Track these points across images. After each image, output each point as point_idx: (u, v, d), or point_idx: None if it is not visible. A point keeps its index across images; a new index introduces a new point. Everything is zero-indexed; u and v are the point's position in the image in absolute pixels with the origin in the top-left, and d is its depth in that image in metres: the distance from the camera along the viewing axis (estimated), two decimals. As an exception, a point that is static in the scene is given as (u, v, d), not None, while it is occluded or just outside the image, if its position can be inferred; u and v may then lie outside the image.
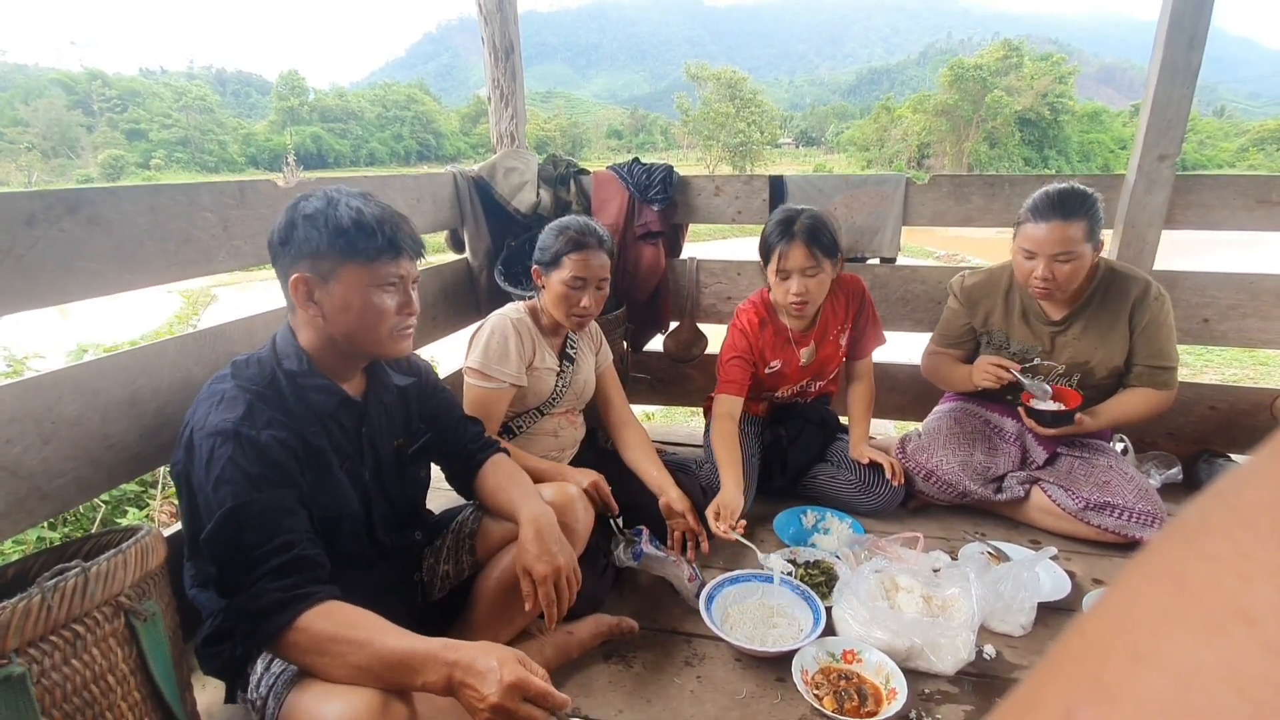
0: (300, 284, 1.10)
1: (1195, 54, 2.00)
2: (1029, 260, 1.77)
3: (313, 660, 0.96)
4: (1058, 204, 1.71)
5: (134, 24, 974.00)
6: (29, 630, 0.81)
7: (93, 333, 3.23)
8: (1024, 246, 1.77)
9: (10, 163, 54.18)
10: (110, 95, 70.28)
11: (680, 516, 1.69)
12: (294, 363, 1.14)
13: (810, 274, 1.81)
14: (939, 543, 1.88)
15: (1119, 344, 1.85)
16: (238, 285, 12.58)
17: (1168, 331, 1.83)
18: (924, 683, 1.37)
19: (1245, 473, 0.16)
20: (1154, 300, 1.81)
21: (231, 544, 0.98)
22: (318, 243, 1.09)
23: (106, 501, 2.47)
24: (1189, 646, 0.15)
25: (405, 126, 78.69)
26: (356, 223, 1.09)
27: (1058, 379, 1.92)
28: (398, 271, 1.15)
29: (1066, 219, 1.69)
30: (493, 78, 2.52)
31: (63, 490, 1.17)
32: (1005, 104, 40.37)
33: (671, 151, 66.17)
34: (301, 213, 1.10)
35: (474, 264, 2.44)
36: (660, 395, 2.82)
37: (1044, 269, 1.74)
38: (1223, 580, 0.15)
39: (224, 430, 1.02)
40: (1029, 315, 1.93)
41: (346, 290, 1.11)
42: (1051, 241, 1.71)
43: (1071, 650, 0.17)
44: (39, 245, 1.11)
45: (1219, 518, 0.16)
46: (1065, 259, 1.72)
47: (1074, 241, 1.70)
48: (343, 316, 1.12)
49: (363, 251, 1.09)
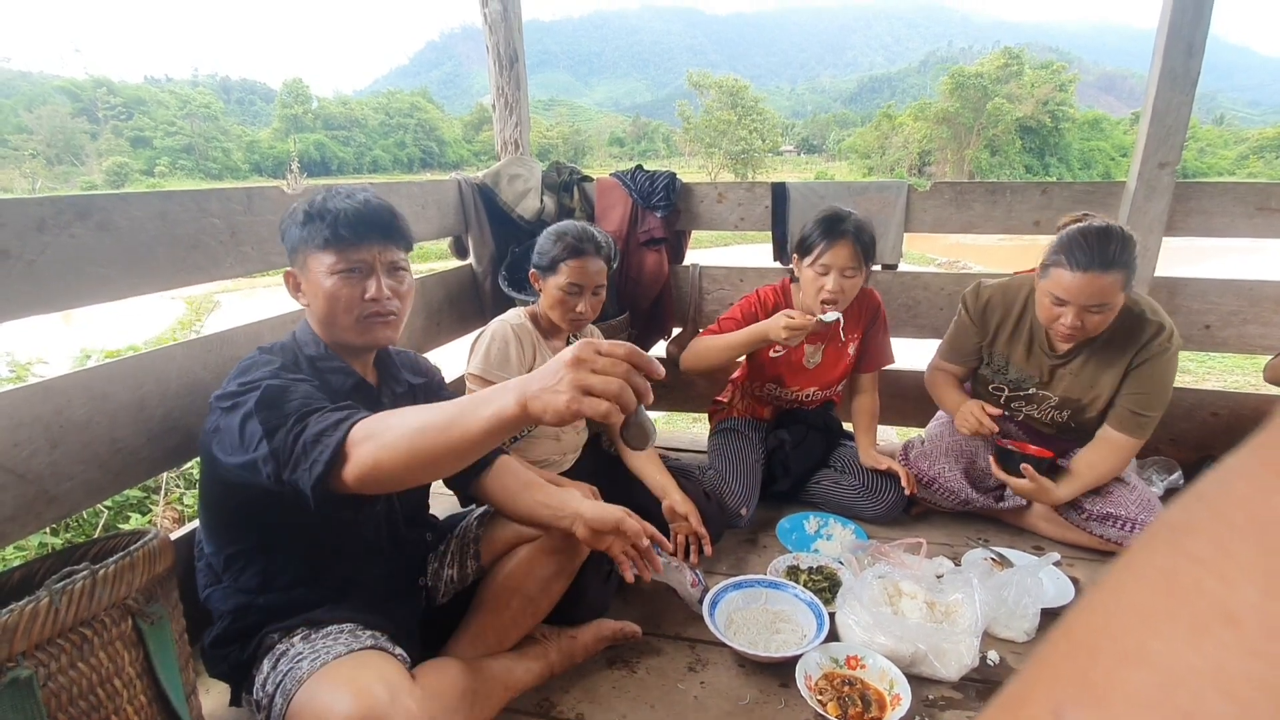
0: (289, 278, 1.20)
1: (1194, 62, 2.01)
2: (1058, 306, 1.63)
3: (374, 446, 0.89)
4: (1097, 253, 1.55)
5: (139, 31, 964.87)
6: (37, 633, 0.82)
7: (96, 338, 3.24)
8: (1054, 293, 1.62)
9: (14, 169, 54.45)
10: (115, 103, 70.66)
11: (683, 519, 1.69)
12: (313, 348, 1.19)
13: (849, 275, 1.81)
14: (942, 548, 1.88)
15: (1116, 383, 1.77)
16: (241, 291, 12.59)
17: (1163, 382, 1.72)
18: (928, 689, 1.37)
19: (1227, 472, 0.17)
20: (1159, 345, 1.69)
21: (277, 407, 0.99)
22: (295, 236, 1.16)
23: (109, 507, 2.48)
24: (1175, 647, 0.15)
25: (408, 134, 79.05)
26: (320, 212, 1.13)
27: (1050, 410, 1.88)
28: (358, 256, 1.14)
29: (1105, 269, 1.55)
30: (497, 86, 2.54)
31: (70, 494, 1.18)
32: (1006, 111, 40.53)
33: (673, 159, 66.38)
34: (290, 210, 1.18)
35: (478, 270, 2.45)
36: (663, 401, 2.83)
37: (1074, 318, 1.60)
38: (1206, 581, 0.15)
39: (259, 377, 1.05)
40: (1034, 344, 1.85)
41: (313, 278, 1.16)
42: (1087, 293, 1.57)
43: (1059, 650, 0.18)
44: (49, 250, 1.12)
45: (1202, 517, 0.16)
46: (1098, 310, 1.60)
47: (1110, 293, 1.57)
48: (315, 304, 1.17)
49: (316, 238, 1.13)
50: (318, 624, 1.12)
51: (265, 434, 0.96)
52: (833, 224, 1.82)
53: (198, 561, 1.24)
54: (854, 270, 1.82)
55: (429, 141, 79.98)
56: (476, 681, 1.20)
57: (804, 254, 1.87)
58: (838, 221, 1.82)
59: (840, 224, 1.82)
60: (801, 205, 2.42)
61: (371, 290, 1.16)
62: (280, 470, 0.94)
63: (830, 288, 1.82)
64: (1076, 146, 44.33)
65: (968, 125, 41.50)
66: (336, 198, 1.16)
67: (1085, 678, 0.16)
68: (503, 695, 1.26)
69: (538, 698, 1.35)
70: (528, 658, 1.34)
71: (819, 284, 1.83)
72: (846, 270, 1.81)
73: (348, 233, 1.13)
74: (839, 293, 1.82)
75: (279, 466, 0.94)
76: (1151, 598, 0.16)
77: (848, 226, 1.81)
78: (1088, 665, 0.16)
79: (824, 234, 1.82)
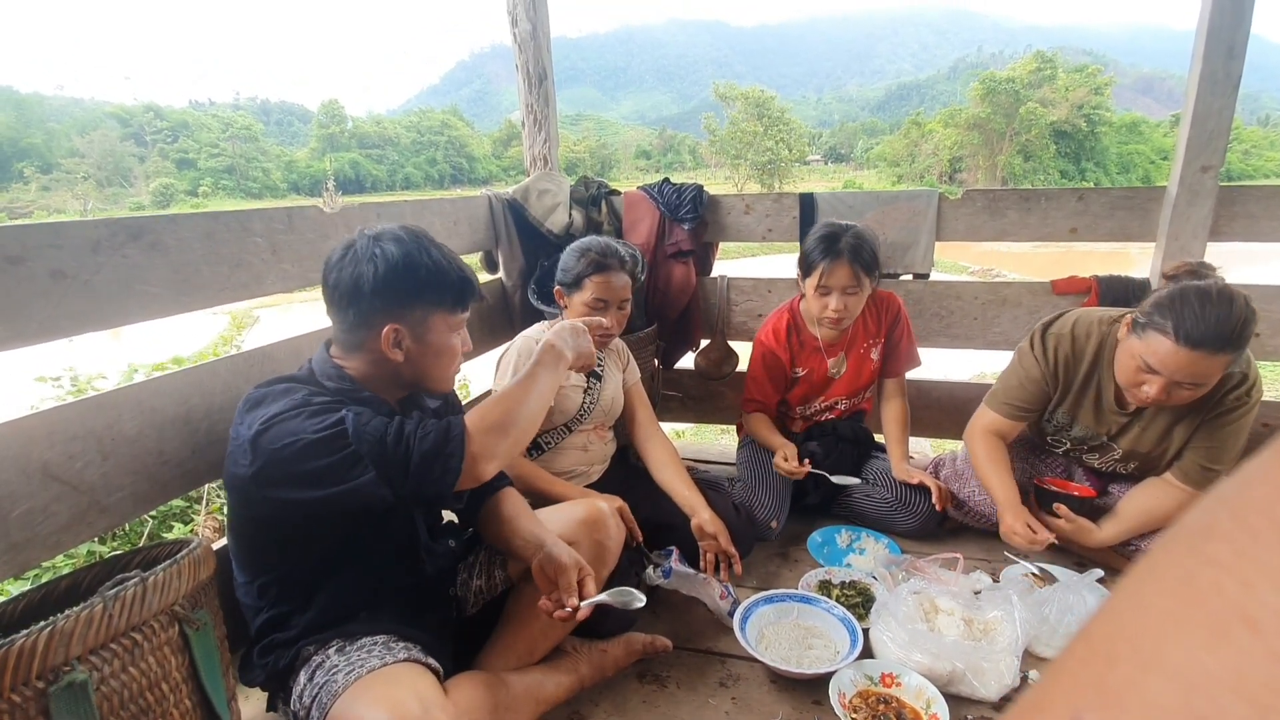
0: (391, 334, 1.14)
1: (1235, 64, 1.96)
2: (1145, 374, 1.42)
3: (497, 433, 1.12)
4: (1213, 330, 1.31)
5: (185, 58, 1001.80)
6: (91, 638, 0.85)
7: (143, 353, 3.37)
8: (1147, 359, 1.40)
9: (67, 191, 56.96)
10: (162, 126, 73.64)
11: (712, 538, 1.68)
12: (336, 382, 1.16)
13: (851, 292, 1.82)
14: (980, 564, 1.84)
15: (1188, 434, 1.58)
16: (279, 307, 12.94)
17: (1238, 436, 1.53)
18: (966, 708, 1.33)
19: (1248, 475, 0.16)
20: (1237, 398, 1.50)
21: (373, 439, 1.03)
22: (409, 294, 1.13)
23: (154, 517, 2.56)
24: (1194, 652, 0.15)
25: (439, 151, 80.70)
26: (442, 272, 1.15)
27: (1114, 463, 1.74)
28: (468, 316, 1.24)
29: (1217, 351, 1.32)
30: (526, 103, 2.58)
31: (120, 504, 1.22)
32: (1039, 116, 39.77)
33: (700, 170, 66.53)
34: (385, 259, 1.11)
35: (508, 284, 2.49)
36: (691, 413, 2.82)
37: (1159, 391, 1.41)
38: (1226, 585, 0.15)
39: (289, 408, 1.04)
40: (1102, 401, 1.65)
41: (434, 336, 1.18)
42: (1188, 371, 1.36)
43: (1077, 655, 0.18)
44: (104, 270, 1.17)
45: (1221, 521, 0.16)
46: (1193, 387, 1.40)
47: (1213, 374, 1.37)
48: (422, 360, 1.18)
49: (451, 301, 1.18)
50: (352, 636, 1.14)
51: (369, 460, 1.02)
52: (830, 243, 1.81)
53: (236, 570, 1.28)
54: (855, 288, 1.81)
55: (459, 158, 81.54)
56: (508, 696, 1.21)
57: (805, 273, 1.88)
58: (834, 240, 1.81)
59: (836, 243, 1.80)
60: (830, 216, 2.40)
61: (468, 342, 1.26)
62: (397, 489, 1.03)
63: (834, 307, 1.82)
64: (1114, 150, 43.26)
65: (1000, 131, 40.82)
66: (437, 251, 1.16)
67: (1103, 683, 0.16)
68: (533, 709, 1.26)
69: (567, 710, 1.36)
70: (558, 671, 1.35)
71: (822, 304, 1.84)
72: (848, 289, 1.81)
73: (474, 291, 1.21)
74: (843, 311, 1.82)
75: (394, 486, 1.03)
76: (1170, 602, 0.16)
77: (844, 245, 1.79)
78: (1106, 671, 0.16)
79: (822, 253, 1.81)
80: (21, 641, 0.77)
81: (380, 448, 1.03)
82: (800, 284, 1.93)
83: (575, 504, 1.48)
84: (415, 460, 1.03)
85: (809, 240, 1.89)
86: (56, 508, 1.12)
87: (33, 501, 1.09)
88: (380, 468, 1.02)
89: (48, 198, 54.17)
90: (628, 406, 1.93)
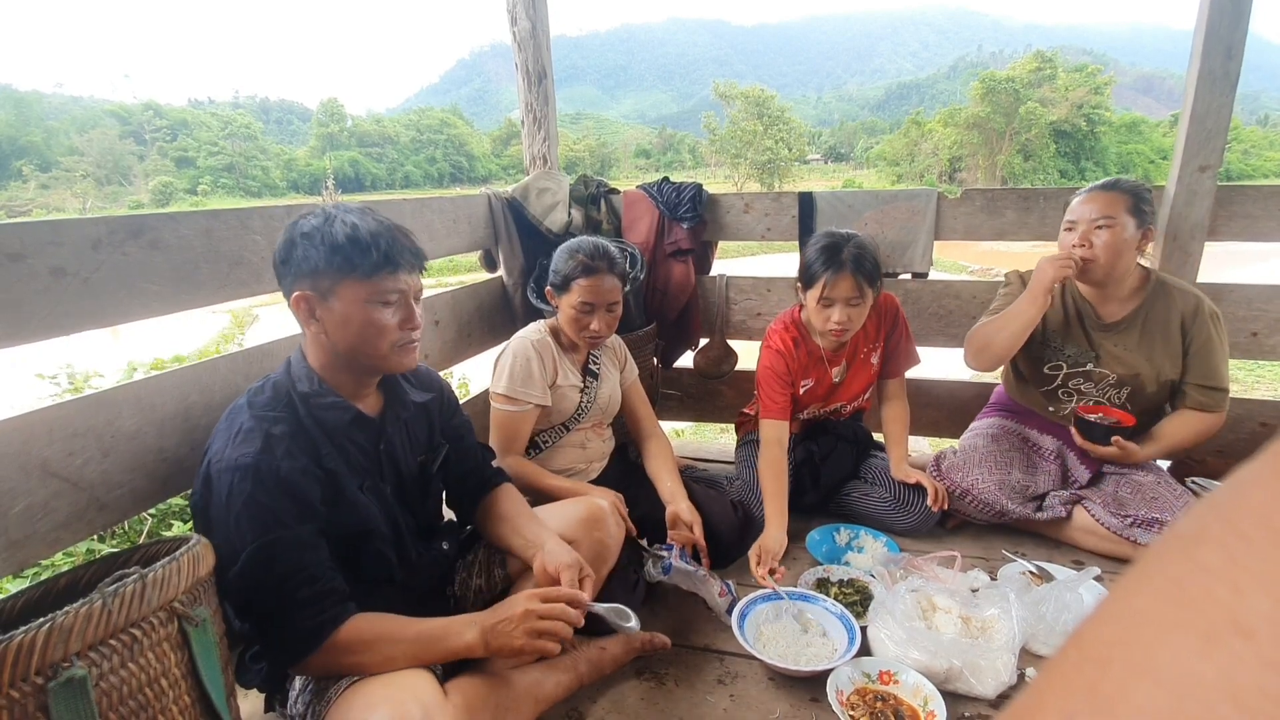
0: (301, 301, 1.12)
1: (1234, 63, 1.96)
2: (1068, 233, 1.80)
3: (354, 660, 1.04)
4: (1103, 182, 1.79)
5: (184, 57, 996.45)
6: (90, 634, 0.85)
7: (142, 351, 3.36)
8: (1068, 218, 1.82)
9: (66, 190, 56.92)
10: (161, 125, 73.63)
11: (686, 527, 1.67)
12: (306, 384, 1.15)
13: (854, 304, 1.79)
14: (977, 562, 1.84)
15: (1169, 358, 1.82)
16: (280, 305, 12.93)
17: (1222, 352, 1.80)
18: (964, 706, 1.33)
19: (1240, 481, 0.16)
20: (1209, 318, 1.78)
21: (261, 577, 1.03)
22: (315, 260, 1.09)
23: (154, 515, 2.56)
24: (1186, 658, 0.14)
25: (439, 150, 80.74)
26: (352, 238, 1.09)
27: (1108, 389, 1.89)
28: (396, 286, 1.14)
29: (1108, 190, 1.76)
30: (526, 102, 2.58)
31: (120, 501, 1.22)
32: (1039, 116, 39.75)
33: (699, 169, 66.54)
34: (299, 230, 1.11)
35: (508, 282, 2.49)
36: (690, 411, 2.82)
37: (1080, 237, 1.76)
38: (1217, 591, 0.15)
39: (242, 465, 1.03)
40: (1082, 318, 1.91)
41: (346, 306, 1.11)
42: (1091, 207, 1.75)
43: (1070, 660, 0.17)
44: (103, 268, 1.18)
45: (1214, 527, 0.16)
46: (1105, 224, 1.73)
47: (1113, 207, 1.73)
48: (344, 332, 1.13)
49: (359, 267, 1.09)
50: None
51: (247, 597, 1.05)
52: (832, 254, 1.78)
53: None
54: (858, 299, 1.79)
55: (459, 157, 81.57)
56: (508, 696, 1.21)
57: (807, 284, 1.85)
58: (836, 251, 1.78)
59: (839, 254, 1.77)
60: (829, 215, 2.41)
61: (414, 319, 1.18)
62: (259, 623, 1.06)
63: (837, 319, 1.80)
64: (1114, 150, 43.25)
65: (999, 130, 40.80)
66: (365, 221, 1.12)
67: (1095, 689, 0.16)
68: (533, 708, 1.27)
69: (566, 708, 1.36)
70: (557, 670, 1.35)
71: (825, 316, 1.82)
72: (851, 300, 1.78)
73: (393, 261, 1.12)
74: (846, 323, 1.79)
75: (258, 620, 1.06)
76: (1162, 608, 0.16)
77: (846, 256, 1.76)
78: (1098, 676, 0.16)
79: (824, 265, 1.78)
80: (21, 637, 0.77)
81: (268, 602, 1.05)
82: (800, 294, 1.90)
83: (575, 502, 1.48)
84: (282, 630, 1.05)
85: (810, 251, 1.86)
86: (56, 505, 1.12)
87: (32, 498, 1.09)
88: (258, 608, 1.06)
89: (46, 196, 54.15)
90: (626, 404, 1.93)
